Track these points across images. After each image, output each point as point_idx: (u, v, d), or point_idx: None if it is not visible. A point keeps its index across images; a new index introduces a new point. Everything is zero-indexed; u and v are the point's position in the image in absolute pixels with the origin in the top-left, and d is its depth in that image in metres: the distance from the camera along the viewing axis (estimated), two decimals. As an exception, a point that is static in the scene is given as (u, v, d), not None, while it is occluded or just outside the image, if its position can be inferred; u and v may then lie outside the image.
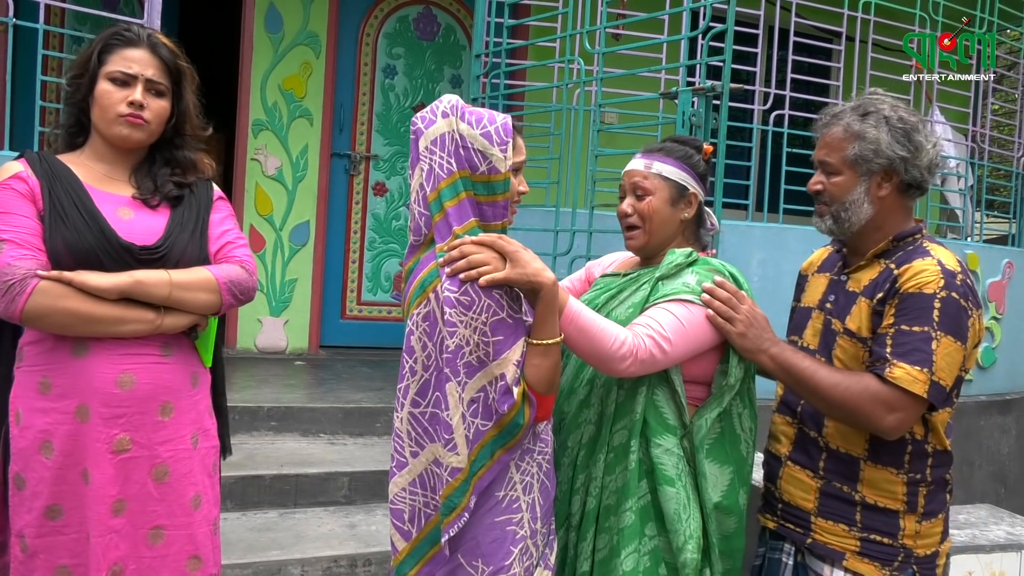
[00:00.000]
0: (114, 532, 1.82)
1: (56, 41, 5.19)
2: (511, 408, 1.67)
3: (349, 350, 5.52)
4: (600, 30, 4.14)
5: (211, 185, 2.05)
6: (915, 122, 1.83)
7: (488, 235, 1.71)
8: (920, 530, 1.82)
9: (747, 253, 4.58)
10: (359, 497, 3.53)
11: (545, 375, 1.71)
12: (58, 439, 1.81)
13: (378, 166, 5.72)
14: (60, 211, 1.80)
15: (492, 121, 1.74)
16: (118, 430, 1.82)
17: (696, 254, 1.93)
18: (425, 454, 1.73)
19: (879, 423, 1.73)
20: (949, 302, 1.72)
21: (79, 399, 1.81)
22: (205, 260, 1.93)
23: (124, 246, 1.81)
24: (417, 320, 1.71)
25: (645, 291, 1.89)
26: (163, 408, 1.87)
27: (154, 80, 1.90)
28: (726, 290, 1.85)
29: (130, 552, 1.84)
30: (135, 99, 1.86)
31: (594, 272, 2.19)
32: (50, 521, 1.82)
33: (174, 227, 1.90)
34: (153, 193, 1.92)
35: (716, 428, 1.89)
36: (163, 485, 1.87)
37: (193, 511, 1.91)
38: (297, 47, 5.39)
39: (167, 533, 1.88)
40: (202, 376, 1.98)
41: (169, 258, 1.86)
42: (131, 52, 1.89)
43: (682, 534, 1.81)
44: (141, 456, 1.85)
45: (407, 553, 1.77)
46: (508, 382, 1.66)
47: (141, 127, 1.88)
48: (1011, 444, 5.55)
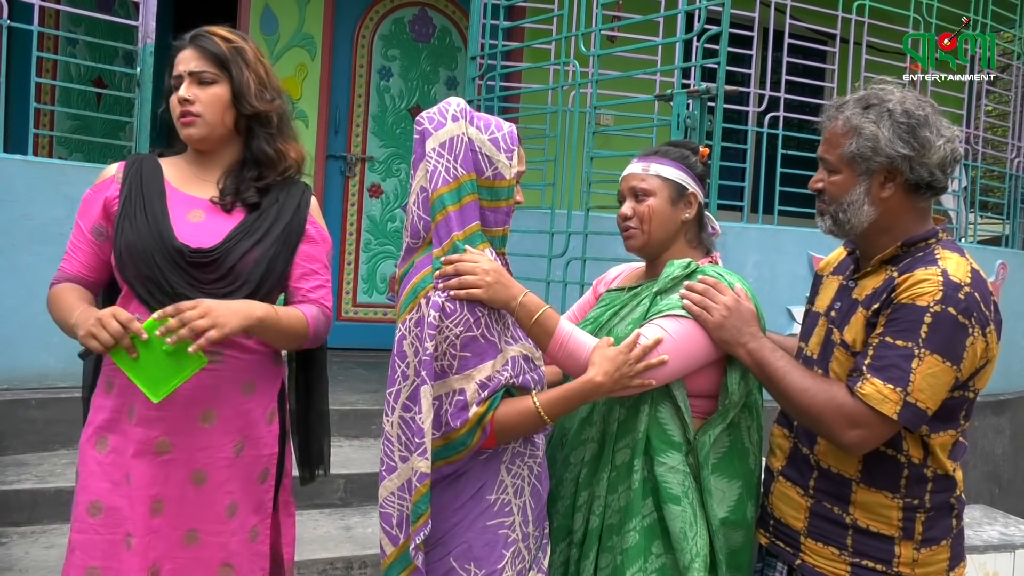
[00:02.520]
0: (153, 532, 1.83)
1: (51, 43, 5.19)
2: (462, 425, 1.67)
3: (345, 352, 5.50)
4: (595, 32, 4.15)
5: (305, 200, 1.99)
6: (923, 116, 1.66)
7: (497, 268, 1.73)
8: (919, 558, 1.70)
9: (742, 255, 4.59)
10: (355, 499, 3.52)
11: (516, 429, 1.73)
12: (111, 436, 1.85)
13: (374, 168, 5.71)
14: (130, 213, 1.85)
15: (500, 128, 1.76)
16: (158, 432, 1.84)
17: (695, 264, 1.90)
18: (413, 459, 1.72)
19: (840, 437, 1.63)
20: (943, 318, 1.57)
21: (130, 400, 1.84)
22: (273, 272, 1.90)
23: (176, 248, 1.83)
24: (409, 325, 1.71)
25: (644, 307, 1.87)
26: (204, 415, 1.87)
27: (196, 71, 1.91)
28: (705, 283, 1.81)
29: (166, 553, 1.85)
30: (181, 96, 1.89)
31: (600, 288, 2.17)
32: (89, 518, 1.83)
33: (237, 233, 1.88)
34: (233, 196, 1.92)
35: (724, 442, 1.86)
36: (200, 490, 1.87)
37: (227, 520, 1.90)
38: (292, 49, 5.39)
39: (202, 537, 1.88)
40: (261, 384, 1.94)
41: (223, 263, 1.85)
42: (180, 55, 1.95)
43: (688, 552, 1.77)
44: (180, 459, 1.86)
45: (395, 558, 1.77)
46: (467, 399, 1.67)
47: (193, 123, 1.90)
48: (1005, 444, 5.56)
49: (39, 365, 3.57)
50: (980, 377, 1.68)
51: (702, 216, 2.00)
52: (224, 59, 1.93)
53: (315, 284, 2.00)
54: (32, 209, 3.51)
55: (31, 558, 2.85)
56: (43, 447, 3.48)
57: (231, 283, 1.86)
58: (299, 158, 2.02)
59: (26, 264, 3.49)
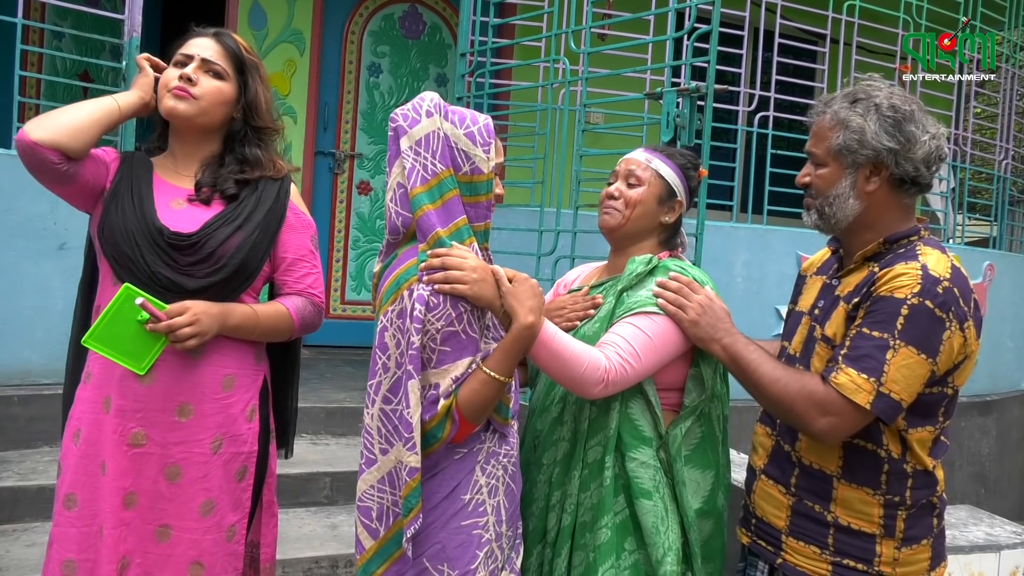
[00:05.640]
0: (125, 525, 1.83)
1: (36, 36, 5.14)
2: (432, 418, 1.66)
3: (332, 349, 5.49)
4: (585, 30, 4.13)
5: (284, 188, 2.02)
6: (908, 111, 1.68)
7: (497, 269, 1.71)
8: (900, 557, 1.70)
9: (731, 254, 4.59)
10: (341, 498, 3.50)
11: (477, 403, 1.68)
12: (86, 427, 1.85)
13: (362, 165, 5.69)
14: (118, 196, 1.88)
15: (475, 121, 1.73)
16: (134, 424, 1.84)
17: (655, 259, 1.91)
18: (394, 452, 1.71)
19: (811, 424, 1.64)
20: (919, 311, 1.58)
21: (107, 390, 1.85)
22: (252, 260, 1.91)
23: (157, 228, 1.84)
24: (391, 317, 1.70)
25: (610, 304, 1.88)
26: (181, 409, 1.86)
27: (210, 60, 1.93)
28: (679, 281, 1.83)
29: (137, 546, 1.84)
30: (184, 73, 1.90)
31: (560, 290, 2.16)
32: (65, 511, 1.84)
33: (217, 220, 1.90)
34: (210, 188, 1.93)
35: (696, 433, 1.87)
36: (174, 485, 1.86)
37: (201, 517, 1.88)
38: (281, 44, 5.36)
39: (173, 533, 1.87)
40: (242, 379, 1.94)
41: (202, 249, 1.85)
42: (196, 40, 1.96)
43: (660, 547, 1.79)
44: (154, 453, 1.85)
45: (374, 552, 1.76)
46: (439, 393, 1.66)
47: (186, 99, 1.89)
48: (991, 445, 5.59)
49: (22, 362, 3.54)
50: (959, 374, 1.68)
51: (680, 224, 2.03)
52: (242, 63, 1.97)
53: (301, 273, 2.01)
54: (15, 204, 3.48)
55: (12, 556, 2.82)
56: (25, 444, 3.46)
57: (211, 267, 1.86)
58: (282, 171, 2.04)
59: (8, 260, 3.46)
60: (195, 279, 1.85)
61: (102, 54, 5.03)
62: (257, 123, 2.00)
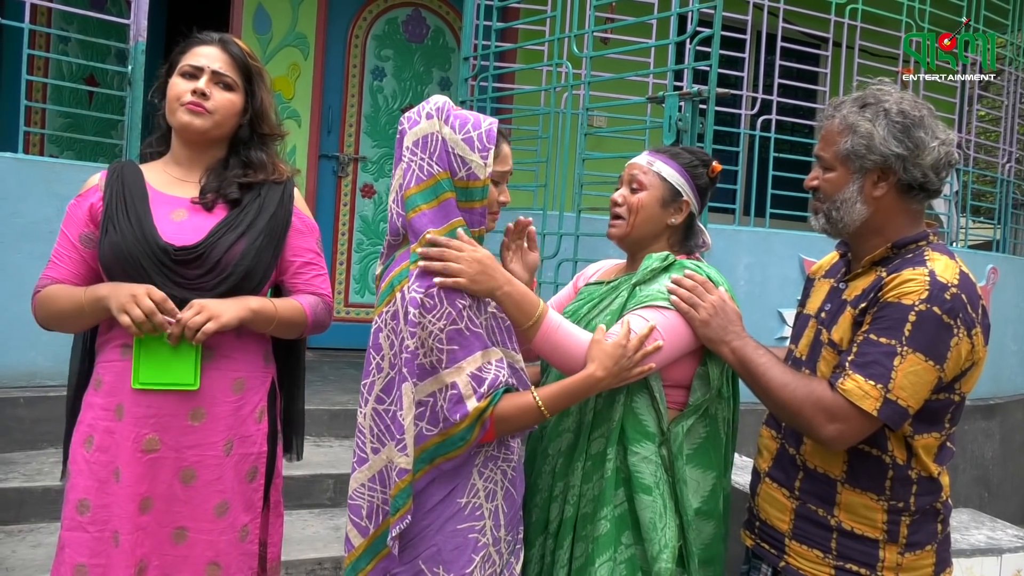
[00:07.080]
0: (141, 529, 1.84)
1: (42, 40, 5.16)
2: (463, 419, 1.66)
3: (336, 352, 5.50)
4: (588, 34, 4.15)
5: (288, 193, 2.02)
6: (918, 117, 1.67)
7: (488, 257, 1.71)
8: (903, 563, 1.69)
9: (734, 257, 4.60)
10: (344, 500, 3.49)
11: (515, 423, 1.72)
12: (98, 434, 1.86)
13: (366, 168, 5.71)
14: (113, 219, 1.86)
15: (476, 126, 1.73)
16: (148, 430, 1.84)
17: (672, 257, 1.91)
18: (386, 451, 1.72)
19: (818, 431, 1.63)
20: (927, 317, 1.57)
21: (119, 398, 1.85)
22: (258, 266, 1.91)
23: (162, 247, 1.84)
24: (386, 318, 1.71)
25: (623, 298, 1.88)
26: (193, 413, 1.87)
27: (221, 72, 1.93)
28: (694, 280, 1.83)
29: (154, 549, 1.86)
30: (198, 87, 1.90)
31: (579, 283, 2.18)
32: (78, 516, 1.84)
33: (221, 227, 1.89)
34: (214, 194, 1.93)
35: (701, 432, 1.87)
36: (189, 488, 1.88)
37: (217, 519, 1.90)
38: (285, 48, 5.38)
39: (190, 535, 1.88)
40: (251, 381, 1.95)
41: (208, 258, 1.86)
42: (201, 48, 1.95)
43: (657, 543, 1.79)
44: (168, 457, 1.86)
45: (363, 550, 1.77)
46: (460, 391, 1.66)
47: (201, 115, 1.90)
48: (994, 449, 5.58)
49: (28, 363, 3.56)
50: (966, 380, 1.67)
51: (692, 224, 2.01)
52: (250, 72, 1.98)
53: (310, 276, 2.03)
54: (22, 207, 3.50)
55: (17, 557, 2.84)
56: (31, 446, 3.47)
57: (217, 276, 1.86)
58: (285, 174, 2.05)
59: (15, 262, 3.48)
60: (203, 292, 1.85)
61: (108, 58, 5.06)
62: (263, 130, 2.01)
